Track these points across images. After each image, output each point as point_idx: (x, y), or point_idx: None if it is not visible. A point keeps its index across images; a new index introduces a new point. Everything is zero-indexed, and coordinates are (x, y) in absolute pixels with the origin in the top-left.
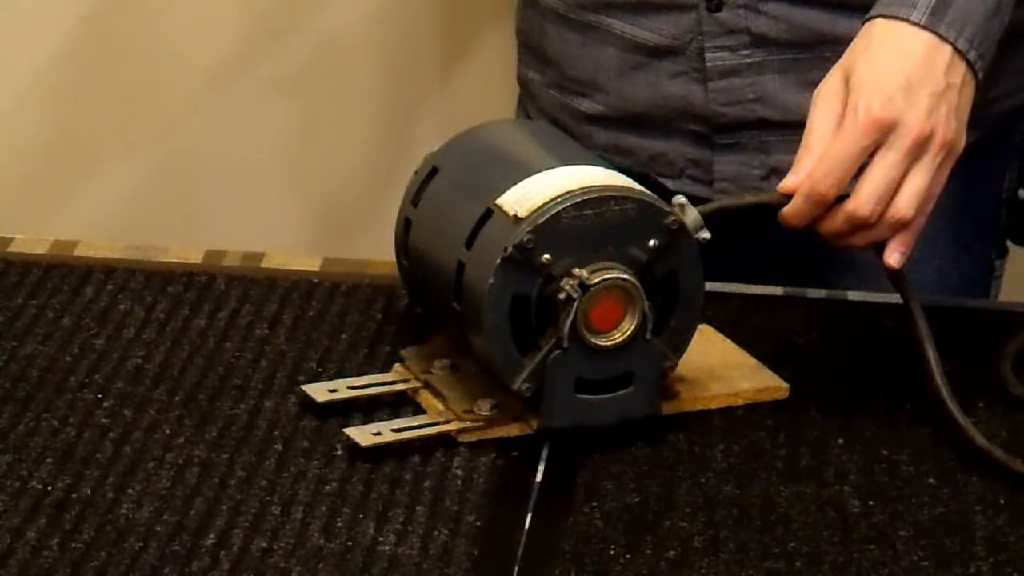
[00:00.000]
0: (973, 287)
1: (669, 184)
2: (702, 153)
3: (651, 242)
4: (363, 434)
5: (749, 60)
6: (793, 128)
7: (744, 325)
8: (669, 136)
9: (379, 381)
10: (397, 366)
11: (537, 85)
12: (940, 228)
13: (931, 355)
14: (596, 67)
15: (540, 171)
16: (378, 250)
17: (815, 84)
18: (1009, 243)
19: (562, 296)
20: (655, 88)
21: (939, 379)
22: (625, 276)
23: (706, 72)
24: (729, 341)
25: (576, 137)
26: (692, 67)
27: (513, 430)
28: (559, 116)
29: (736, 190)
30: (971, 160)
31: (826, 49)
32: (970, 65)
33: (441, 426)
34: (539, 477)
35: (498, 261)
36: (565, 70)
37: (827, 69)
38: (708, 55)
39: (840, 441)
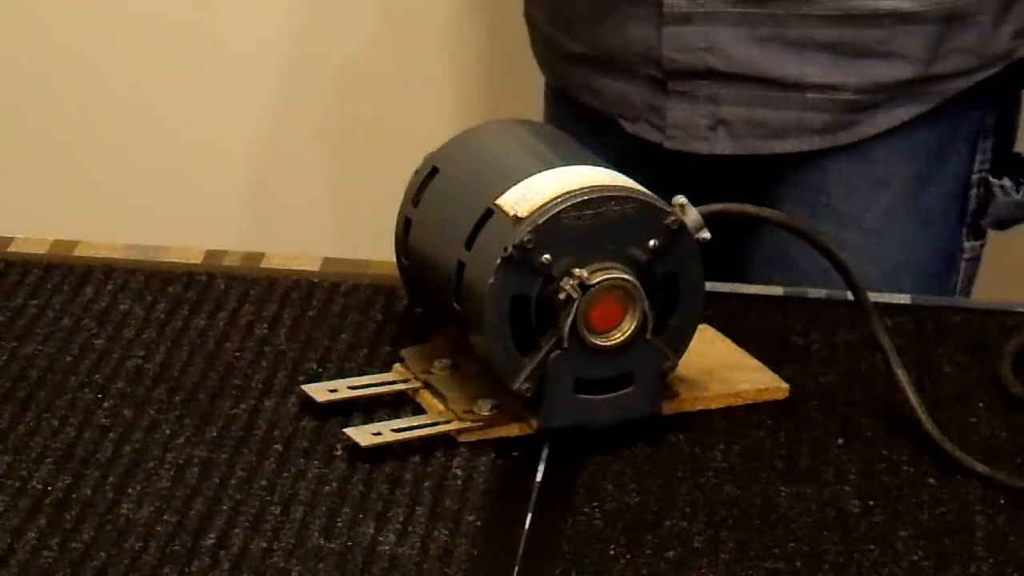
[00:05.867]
0: (939, 263)
1: (628, 127)
2: (657, 99)
3: (651, 242)
4: (363, 434)
5: (703, 9)
6: (742, 81)
7: (744, 325)
8: (632, 80)
9: (379, 381)
10: (397, 366)
11: (538, 23)
12: (901, 201)
13: (886, 344)
14: (573, 7)
15: (540, 171)
16: (378, 250)
17: (765, 40)
18: (993, 232)
19: (562, 296)
20: (621, 31)
21: (898, 371)
22: (625, 276)
23: (663, 17)
24: (729, 341)
25: (558, 76)
26: (653, 12)
27: (513, 430)
28: (548, 55)
29: (685, 138)
30: (929, 136)
31: (778, 7)
32: None
33: (441, 426)
34: (539, 477)
35: (498, 261)
36: (555, 7)
37: (778, 26)
38: (666, 1)
39: (840, 441)
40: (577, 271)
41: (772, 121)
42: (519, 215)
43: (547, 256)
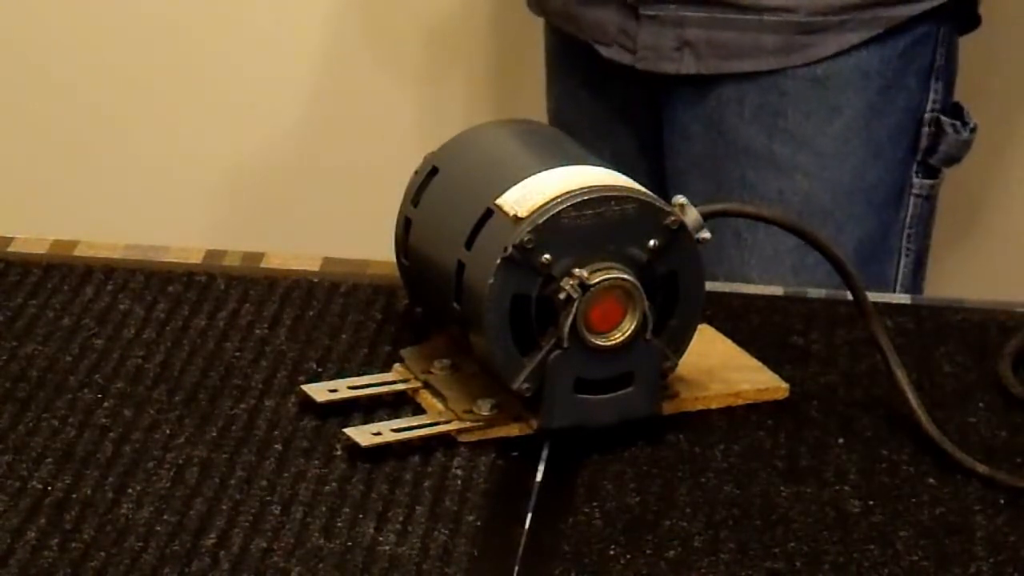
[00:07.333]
0: (888, 193)
1: (603, 51)
2: (628, 23)
3: (651, 242)
4: (363, 434)
5: None
6: (704, 5)
7: (744, 325)
8: (605, 6)
9: (379, 381)
10: (397, 366)
11: None
12: (854, 129)
13: (886, 344)
14: None
15: (540, 171)
16: (378, 250)
17: None
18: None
19: (562, 296)
20: None
21: (898, 371)
22: (625, 276)
23: None
24: (729, 341)
25: (538, 5)
26: None
27: (513, 430)
28: None
29: (655, 59)
30: (882, 69)
31: None
32: None
33: (441, 426)
34: (539, 477)
35: (498, 261)
36: None
37: None
38: None
39: (840, 441)
40: (577, 271)
41: (731, 42)
42: (519, 215)
43: (547, 256)
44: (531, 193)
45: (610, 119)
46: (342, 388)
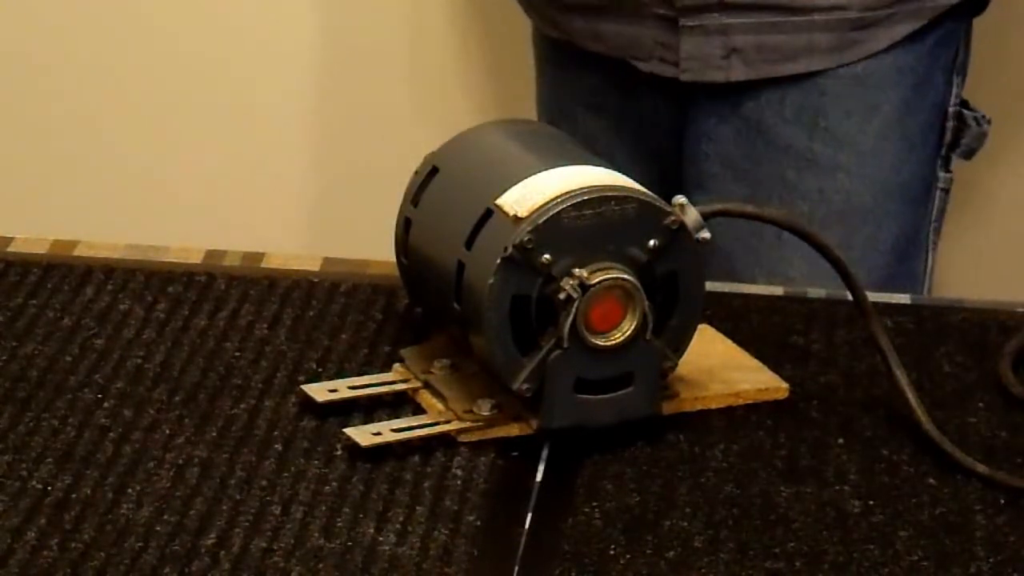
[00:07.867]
0: (919, 188)
1: (641, 67)
2: (669, 36)
3: (651, 242)
4: (363, 434)
5: None
6: (752, 10)
7: (744, 325)
8: (640, 21)
9: (379, 381)
10: (397, 366)
11: None
12: (891, 125)
13: (885, 344)
14: None
15: (540, 171)
16: (378, 250)
17: None
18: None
19: (562, 296)
20: None
21: (898, 371)
22: (625, 276)
23: None
24: (729, 341)
25: (556, 27)
26: None
27: (513, 430)
28: (544, 11)
29: (701, 68)
30: (915, 64)
31: None
32: None
33: (441, 426)
34: (539, 477)
35: (498, 261)
36: None
37: None
38: None
39: (840, 441)
40: (577, 271)
41: (783, 45)
42: (519, 215)
43: (547, 256)
44: (531, 193)
45: (608, 129)
46: (342, 388)
